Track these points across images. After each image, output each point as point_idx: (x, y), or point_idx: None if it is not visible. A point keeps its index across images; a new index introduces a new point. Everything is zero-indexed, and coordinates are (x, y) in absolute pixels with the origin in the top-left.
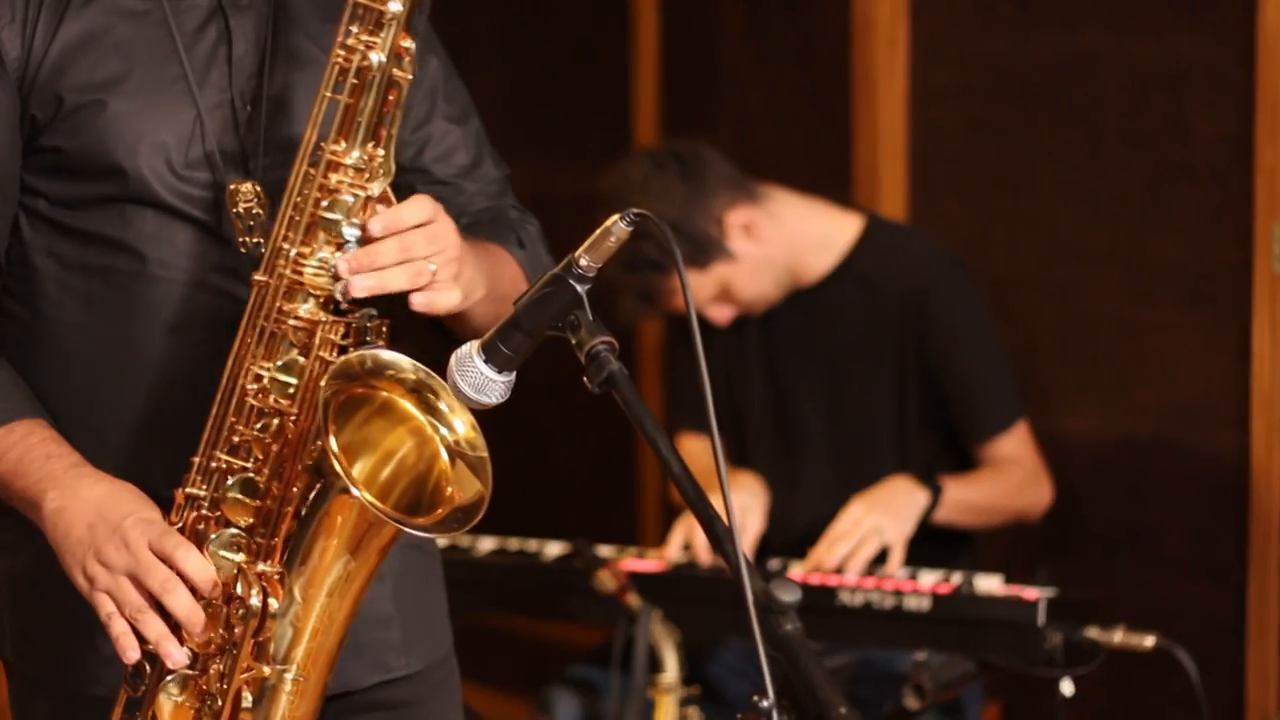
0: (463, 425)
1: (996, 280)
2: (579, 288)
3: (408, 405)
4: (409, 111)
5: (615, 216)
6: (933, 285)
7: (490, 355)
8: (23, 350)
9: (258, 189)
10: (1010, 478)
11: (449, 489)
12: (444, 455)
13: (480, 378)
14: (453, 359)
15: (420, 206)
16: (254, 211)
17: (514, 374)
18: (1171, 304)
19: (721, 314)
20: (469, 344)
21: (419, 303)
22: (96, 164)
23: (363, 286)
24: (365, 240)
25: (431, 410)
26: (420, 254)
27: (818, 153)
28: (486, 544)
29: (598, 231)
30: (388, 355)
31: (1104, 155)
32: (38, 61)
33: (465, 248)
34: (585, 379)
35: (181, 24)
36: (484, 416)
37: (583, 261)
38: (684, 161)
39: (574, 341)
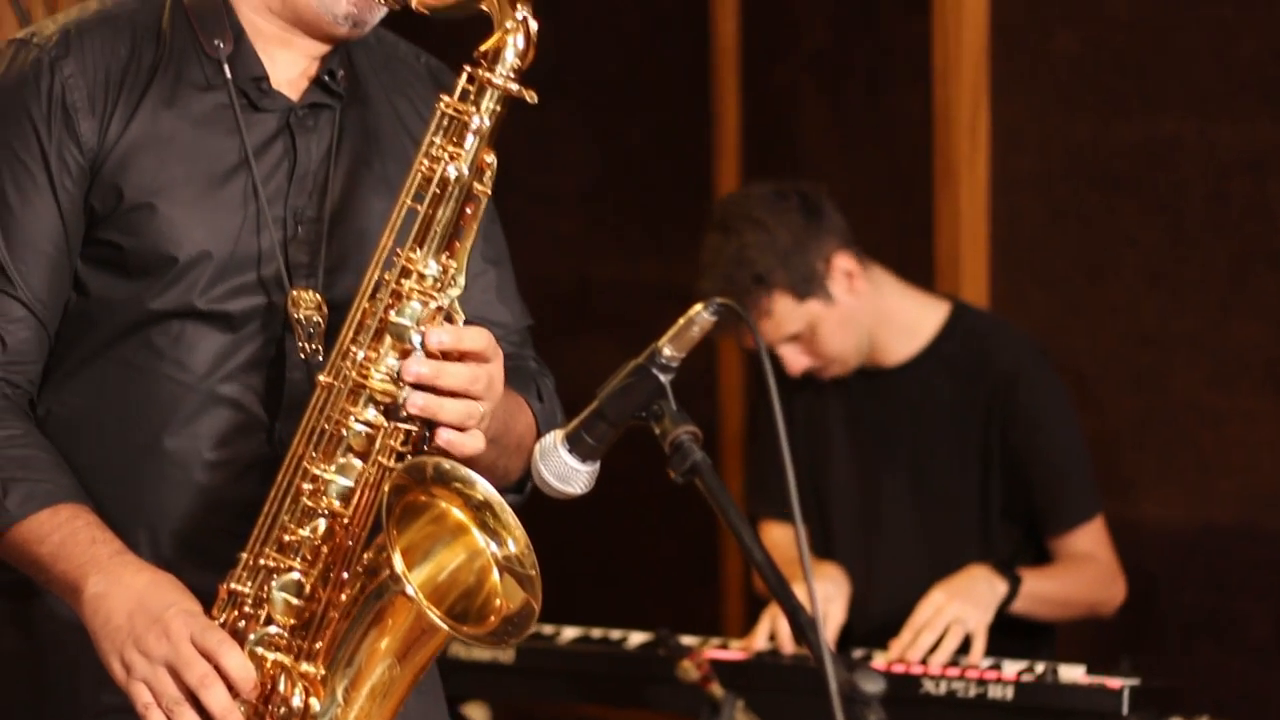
0: (515, 544)
1: (1078, 367)
2: (662, 377)
3: (464, 518)
4: None
5: (699, 306)
6: (1018, 374)
7: (574, 445)
8: (60, 441)
9: (318, 298)
10: (1086, 573)
11: (498, 601)
12: (495, 570)
13: (564, 468)
14: (536, 449)
15: (480, 335)
16: (314, 320)
17: (598, 463)
18: (1254, 390)
19: (796, 360)
20: (552, 434)
21: (444, 440)
22: (145, 265)
23: (417, 405)
24: (426, 350)
25: (487, 527)
26: (478, 393)
27: (899, 240)
28: (570, 633)
29: (681, 321)
30: (451, 466)
31: (1185, 241)
32: (106, 153)
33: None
34: (669, 469)
35: (251, 137)
36: (568, 505)
37: (666, 351)
38: (806, 196)
39: (658, 431)
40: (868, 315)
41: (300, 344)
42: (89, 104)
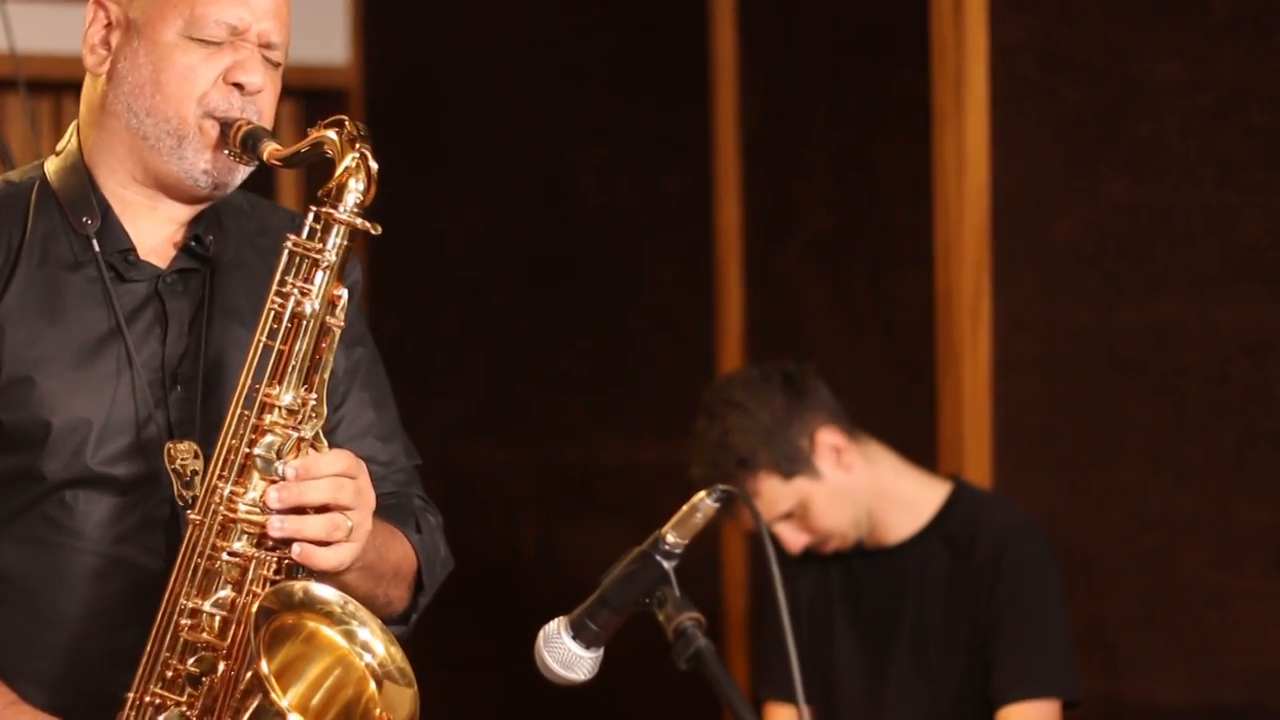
0: (382, 646)
1: (1083, 550)
2: (666, 564)
3: (334, 634)
4: (334, 394)
5: (702, 494)
6: (1006, 543)
7: (578, 632)
8: None
9: (195, 447)
10: None
11: (379, 711)
12: (371, 681)
13: (568, 654)
14: (540, 636)
15: (340, 457)
16: (191, 468)
17: (602, 650)
18: (1259, 572)
19: (793, 538)
20: (556, 621)
21: (298, 553)
22: (27, 437)
23: (280, 528)
24: (288, 479)
25: (356, 639)
26: (344, 502)
27: (903, 423)
28: None
29: (684, 508)
30: (319, 589)
31: (1189, 424)
32: None
33: None
34: (673, 656)
35: (122, 304)
36: (572, 694)
37: (670, 538)
38: (789, 375)
39: (661, 618)
40: (863, 490)
41: (179, 492)
42: None
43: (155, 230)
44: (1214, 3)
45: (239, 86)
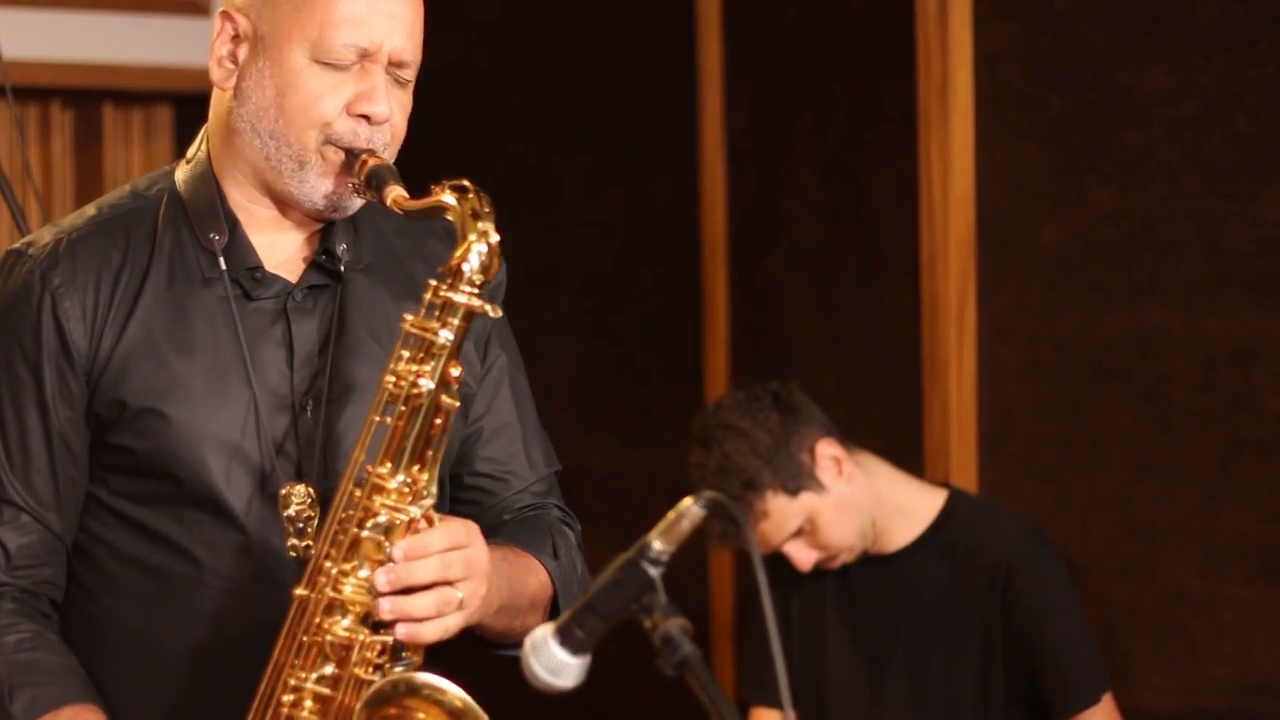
0: None
1: (1069, 557)
2: (652, 571)
3: None
4: (471, 400)
5: (688, 500)
6: (1017, 560)
7: (565, 639)
8: (80, 634)
9: (310, 491)
10: None
11: None
12: None
13: (555, 661)
14: (527, 642)
15: (448, 532)
16: (305, 515)
17: (589, 657)
18: (1244, 579)
19: (804, 556)
20: (543, 627)
21: (402, 634)
22: (158, 467)
23: (385, 610)
24: (396, 561)
25: None
26: (453, 577)
27: (889, 431)
28: None
29: (670, 515)
30: (423, 676)
31: (1174, 431)
32: (104, 362)
33: (492, 566)
34: (659, 662)
35: (248, 327)
36: (559, 700)
37: (656, 545)
38: (777, 395)
39: (648, 624)
40: (865, 500)
41: (290, 541)
42: (80, 312)
43: (285, 242)
44: (1199, 11)
45: (365, 117)
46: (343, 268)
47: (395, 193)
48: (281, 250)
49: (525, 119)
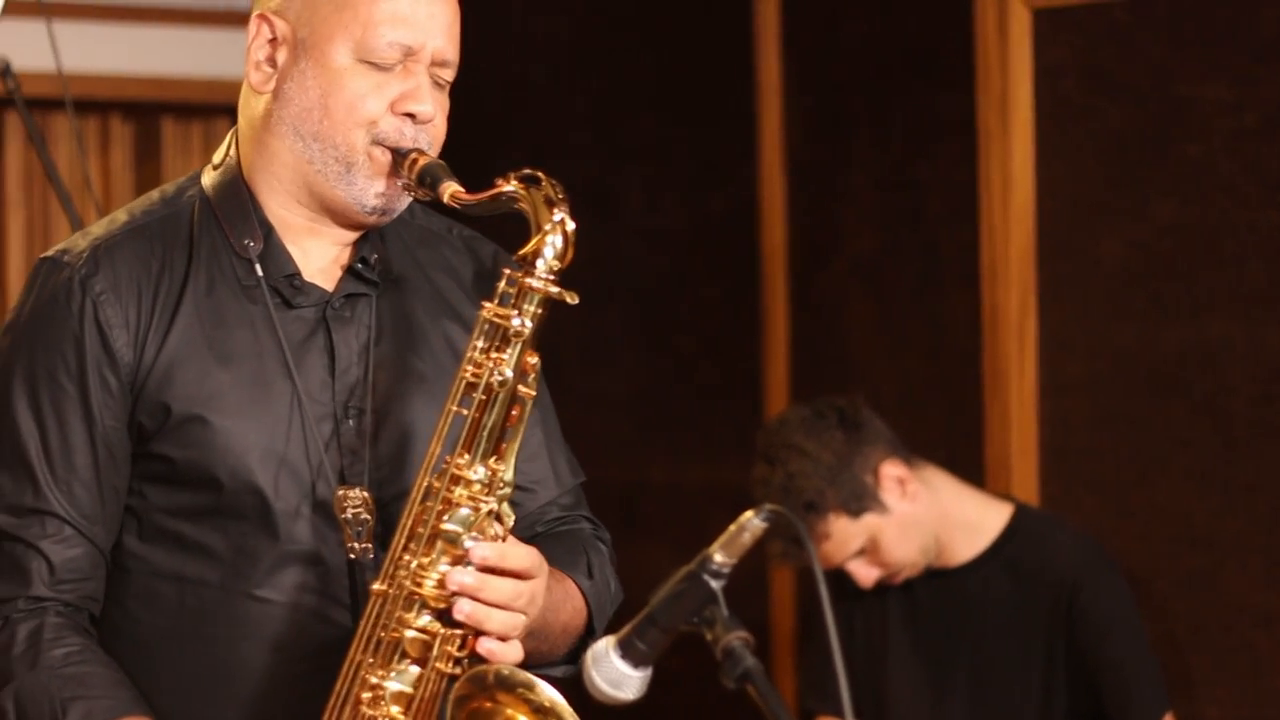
0: None
1: (1130, 570)
2: (714, 584)
3: None
4: None
5: (749, 513)
6: (1082, 577)
7: (626, 651)
8: (117, 651)
9: (365, 495)
10: None
11: None
12: None
13: (616, 674)
14: (588, 655)
15: (528, 555)
16: (362, 517)
17: (650, 669)
18: None
19: (865, 573)
20: (604, 640)
21: (485, 649)
22: (201, 476)
23: (464, 612)
24: (473, 564)
25: None
26: (519, 608)
27: (949, 444)
28: None
29: (732, 528)
30: (524, 674)
31: (1235, 444)
32: (146, 370)
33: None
34: (721, 675)
35: (288, 335)
36: (619, 710)
37: (717, 558)
38: (843, 412)
39: (709, 637)
40: (929, 518)
41: (349, 544)
42: (123, 319)
43: (321, 252)
44: (1260, 22)
45: (410, 116)
46: (376, 276)
47: (452, 188)
48: (316, 258)
49: (584, 132)
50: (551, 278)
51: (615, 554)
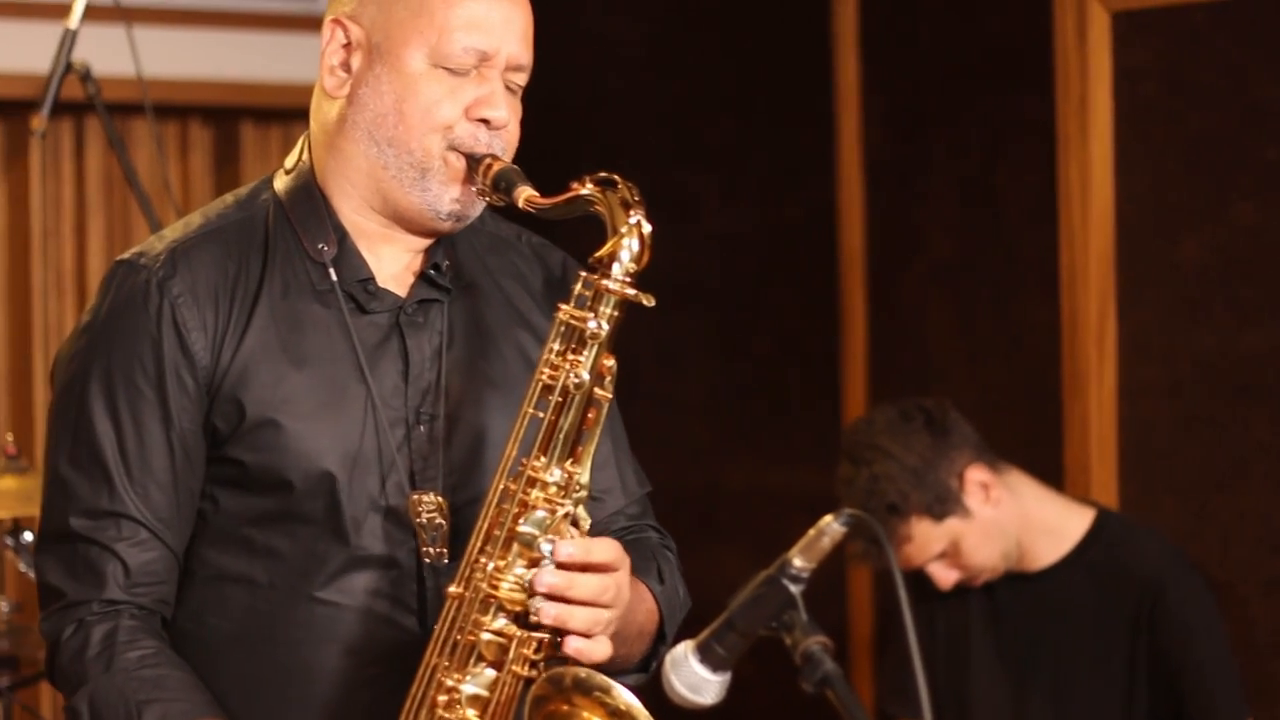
0: None
1: (1210, 575)
2: (793, 588)
3: None
4: None
5: (829, 518)
6: (1166, 582)
7: (705, 655)
8: (185, 655)
9: (440, 499)
10: None
11: None
12: None
13: (695, 678)
14: (667, 659)
15: (610, 548)
16: (436, 522)
17: (729, 674)
18: None
19: (945, 576)
20: (683, 644)
21: (573, 649)
22: (273, 480)
23: (548, 614)
24: (556, 561)
25: None
26: (607, 602)
27: (1029, 449)
28: None
29: (811, 532)
30: (601, 677)
31: None
32: (222, 373)
33: None
34: (800, 680)
35: (362, 340)
36: (697, 715)
37: (796, 562)
38: (930, 414)
39: (788, 642)
40: (1011, 522)
41: (425, 548)
42: (200, 322)
43: (394, 258)
44: None
45: (484, 121)
46: (449, 282)
47: (526, 193)
48: (388, 264)
49: (660, 136)
50: (628, 280)
51: (682, 563)
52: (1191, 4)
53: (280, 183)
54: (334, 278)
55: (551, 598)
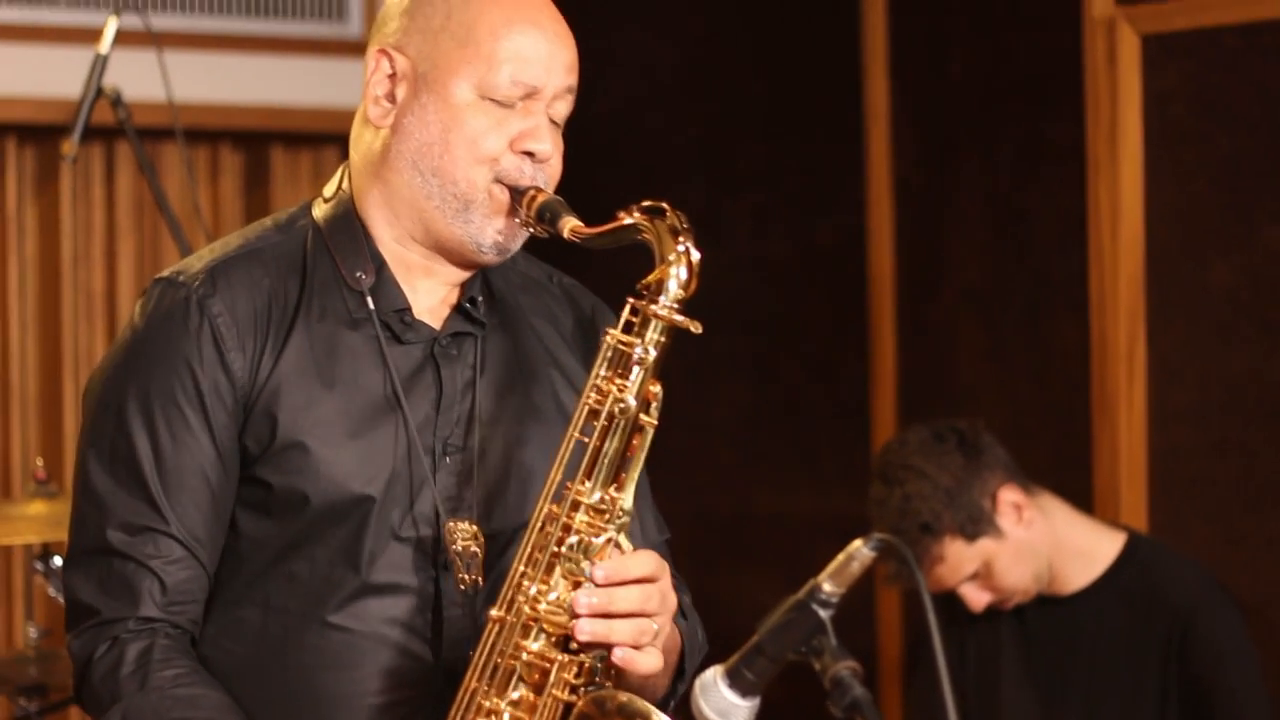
0: None
1: (1240, 600)
2: (822, 613)
3: None
4: None
5: (858, 542)
6: (1197, 606)
7: (734, 681)
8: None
9: (475, 529)
10: None
11: None
12: None
13: (724, 703)
14: (696, 684)
15: (646, 560)
16: (472, 550)
17: (758, 699)
18: None
19: (977, 598)
20: (712, 670)
21: (620, 658)
22: (295, 504)
23: (589, 632)
24: (596, 583)
25: None
26: (651, 610)
27: (1058, 472)
28: None
29: (841, 556)
30: (642, 702)
31: None
32: (257, 393)
33: None
34: (829, 704)
35: (397, 367)
36: None
37: (826, 587)
38: (963, 435)
39: (818, 667)
40: (1043, 544)
41: (459, 576)
42: (238, 341)
43: (430, 290)
44: None
45: (529, 154)
46: (484, 317)
47: (571, 223)
48: (424, 296)
49: (691, 160)
50: (675, 306)
51: (710, 587)
52: (1221, 27)
53: (319, 210)
54: (371, 306)
55: (594, 616)
